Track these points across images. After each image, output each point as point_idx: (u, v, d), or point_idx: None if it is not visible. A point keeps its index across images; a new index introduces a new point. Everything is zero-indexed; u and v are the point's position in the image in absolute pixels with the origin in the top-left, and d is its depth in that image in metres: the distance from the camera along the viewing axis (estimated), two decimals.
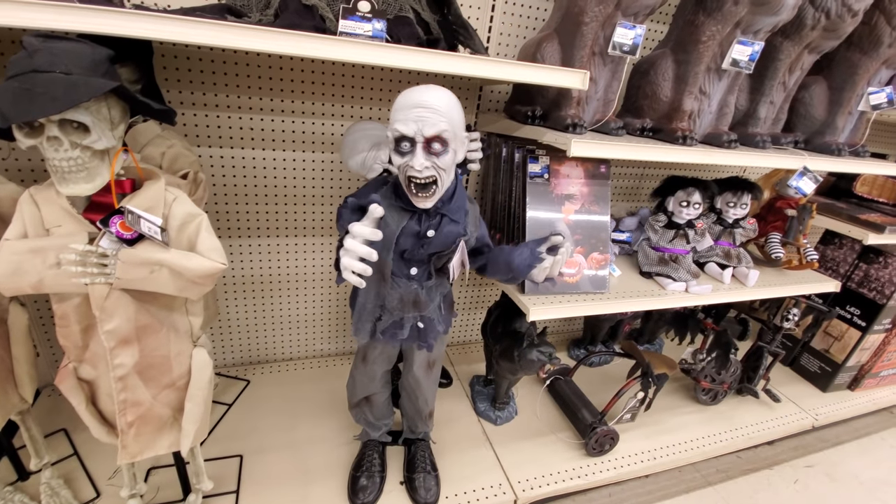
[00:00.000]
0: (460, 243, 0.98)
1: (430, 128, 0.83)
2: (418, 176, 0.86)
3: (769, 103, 1.41)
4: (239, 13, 1.01)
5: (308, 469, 1.33)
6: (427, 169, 0.85)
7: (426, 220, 0.96)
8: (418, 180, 0.87)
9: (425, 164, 0.84)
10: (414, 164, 0.84)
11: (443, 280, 1.09)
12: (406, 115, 0.84)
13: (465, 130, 1.22)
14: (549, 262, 1.02)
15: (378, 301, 1.05)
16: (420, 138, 0.84)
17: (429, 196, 0.89)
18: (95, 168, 0.71)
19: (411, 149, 0.85)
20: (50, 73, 0.63)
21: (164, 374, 0.89)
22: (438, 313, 1.11)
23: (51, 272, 0.74)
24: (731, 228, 1.65)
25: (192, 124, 1.30)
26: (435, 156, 0.85)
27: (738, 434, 1.71)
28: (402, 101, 0.85)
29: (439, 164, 0.86)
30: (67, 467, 1.24)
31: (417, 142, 0.84)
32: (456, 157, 0.90)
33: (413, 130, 0.83)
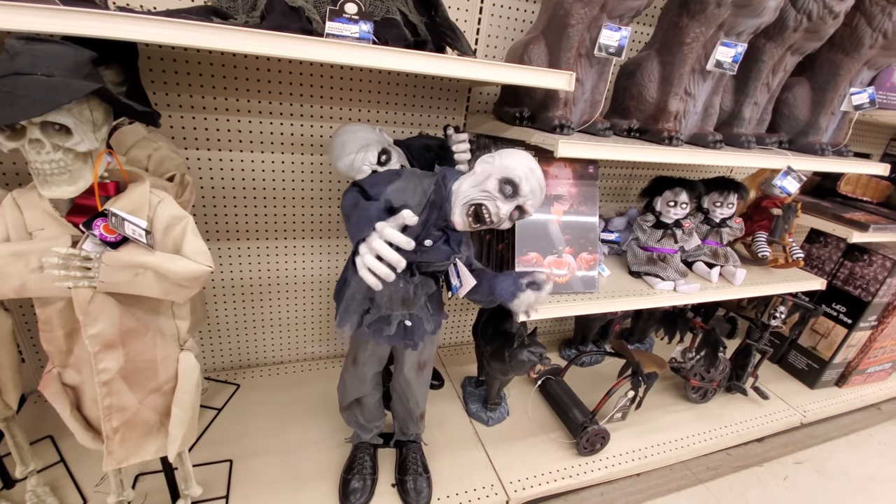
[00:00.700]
0: (454, 261, 1.01)
1: (532, 207, 0.95)
2: (491, 215, 0.91)
3: (753, 104, 1.43)
4: (225, 15, 1.01)
5: (299, 472, 1.33)
6: (499, 219, 0.93)
7: (430, 230, 0.97)
8: (486, 216, 0.91)
9: (503, 216, 0.92)
10: (500, 208, 0.91)
11: (428, 280, 1.09)
12: (530, 178, 0.93)
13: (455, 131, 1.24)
14: (531, 297, 1.01)
15: (368, 294, 1.05)
16: (522, 201, 0.93)
17: (473, 228, 0.95)
18: (78, 170, 0.71)
19: (510, 197, 0.92)
20: (31, 76, 0.62)
21: (150, 379, 0.88)
22: (426, 312, 1.10)
23: (33, 276, 0.73)
24: (719, 228, 1.67)
25: (178, 126, 1.29)
26: (509, 218, 0.94)
27: (728, 432, 1.73)
28: (529, 164, 0.95)
29: (507, 223, 0.95)
30: (54, 474, 1.22)
31: (518, 201, 0.93)
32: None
33: (526, 192, 0.92)
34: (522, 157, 0.96)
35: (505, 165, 0.93)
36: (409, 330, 1.10)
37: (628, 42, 1.19)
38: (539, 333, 2.17)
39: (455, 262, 1.02)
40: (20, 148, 0.66)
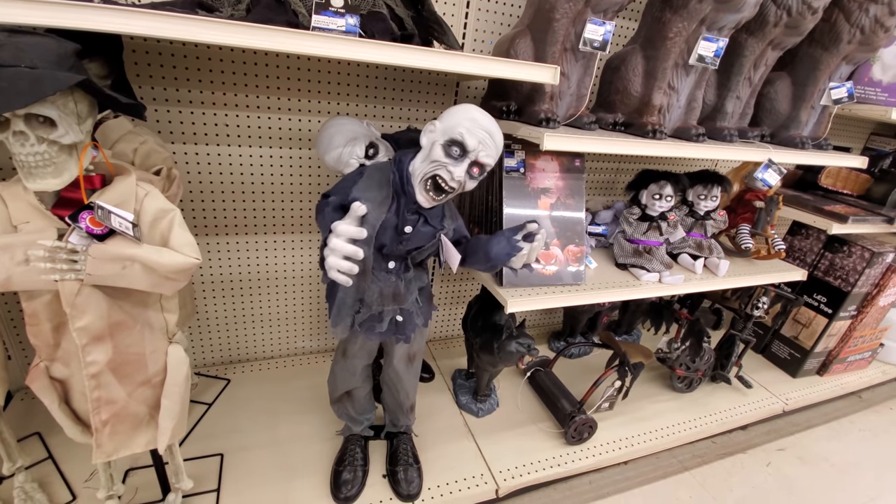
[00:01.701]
0: (440, 237, 1.00)
1: (487, 157, 0.92)
2: (447, 182, 0.90)
3: (736, 98, 1.46)
4: (210, 8, 1.00)
5: (290, 465, 1.33)
6: (459, 181, 0.90)
7: (405, 216, 0.97)
8: (443, 185, 0.90)
9: (460, 179, 0.90)
10: (453, 173, 0.90)
11: (421, 274, 1.10)
12: (473, 130, 0.89)
13: None
14: (527, 249, 1.04)
15: (357, 295, 1.06)
16: (474, 157, 0.90)
17: (438, 200, 0.94)
18: (63, 163, 0.71)
19: (459, 158, 0.89)
20: (15, 68, 0.62)
21: (138, 372, 0.88)
22: (416, 306, 1.12)
23: (19, 269, 0.73)
24: (703, 220, 1.70)
25: (165, 120, 1.28)
26: (470, 177, 0.92)
27: (713, 420, 1.77)
28: (470, 114, 0.91)
29: (466, 185, 0.93)
30: (42, 471, 1.22)
31: (469, 158, 0.90)
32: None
33: (474, 146, 0.89)
34: (462, 111, 0.92)
35: (445, 128, 0.91)
36: (401, 325, 1.11)
37: (612, 37, 1.21)
38: (528, 326, 2.20)
39: (440, 239, 1.02)
40: (4, 140, 0.66)
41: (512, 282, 1.33)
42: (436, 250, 1.08)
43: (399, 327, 1.12)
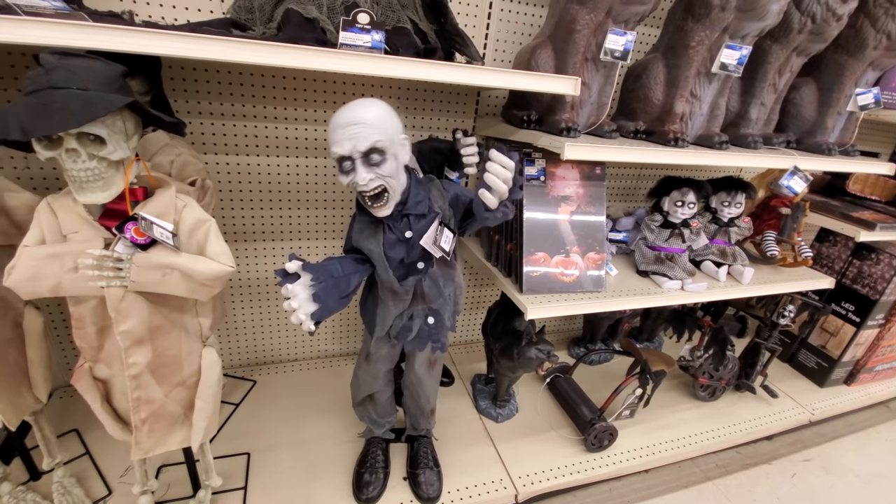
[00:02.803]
0: (434, 222, 1.00)
1: (363, 142, 0.86)
2: (366, 189, 0.90)
3: (760, 105, 1.44)
4: (243, 27, 1.05)
5: (314, 466, 1.37)
6: (372, 181, 0.89)
7: (396, 227, 1.00)
8: (368, 193, 0.91)
9: (369, 177, 0.88)
10: (358, 181, 0.88)
11: (447, 271, 1.10)
12: (341, 136, 0.87)
13: (463, 135, 1.27)
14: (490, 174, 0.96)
15: (395, 314, 1.09)
16: (357, 154, 0.87)
17: (383, 205, 0.93)
18: (111, 177, 0.75)
19: (353, 166, 0.89)
20: (67, 90, 0.67)
21: (175, 373, 0.93)
22: (450, 308, 1.13)
23: (69, 276, 0.78)
24: (727, 227, 1.68)
25: (198, 133, 1.34)
26: (375, 166, 0.88)
27: (736, 429, 1.74)
28: (335, 122, 0.88)
29: (382, 173, 0.89)
30: (79, 466, 1.28)
31: (355, 158, 0.88)
32: (399, 162, 0.93)
33: (348, 149, 0.87)
34: (330, 125, 0.90)
35: (329, 144, 0.90)
36: (433, 328, 1.13)
37: (634, 45, 1.21)
38: (548, 332, 2.20)
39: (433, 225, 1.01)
40: (57, 157, 0.71)
41: (532, 288, 1.34)
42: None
43: (432, 331, 1.14)
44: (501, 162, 0.92)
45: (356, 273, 0.99)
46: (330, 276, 0.93)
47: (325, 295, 0.90)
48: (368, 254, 1.03)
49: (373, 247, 1.01)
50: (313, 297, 0.88)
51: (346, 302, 0.98)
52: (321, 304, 0.89)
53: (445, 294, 1.07)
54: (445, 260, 1.04)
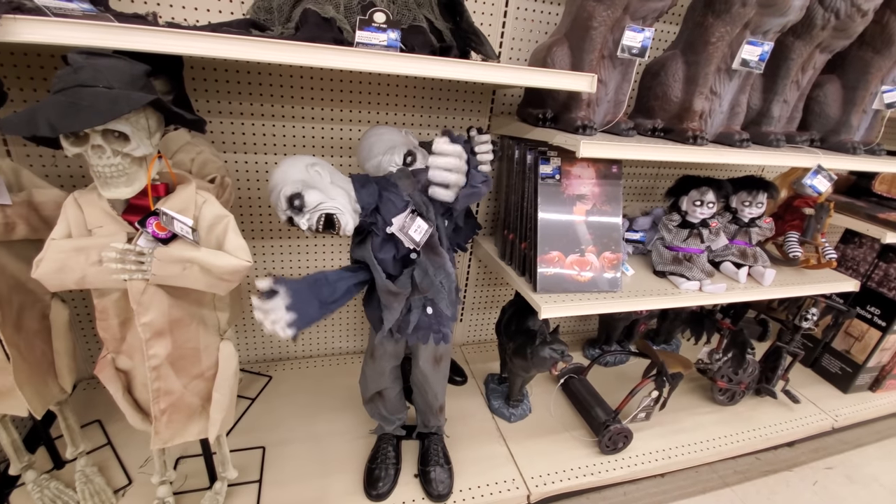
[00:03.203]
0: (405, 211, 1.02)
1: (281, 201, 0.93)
2: (313, 227, 0.95)
3: (783, 102, 1.41)
4: (262, 27, 1.07)
5: (326, 461, 1.38)
6: (310, 219, 0.94)
7: (377, 229, 1.03)
8: (320, 228, 0.96)
9: (306, 218, 0.94)
10: (304, 227, 0.95)
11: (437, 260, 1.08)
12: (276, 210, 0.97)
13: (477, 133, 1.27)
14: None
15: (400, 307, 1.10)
16: (287, 213, 0.95)
17: (341, 226, 0.96)
18: (134, 173, 0.77)
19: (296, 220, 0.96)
20: (94, 88, 0.69)
21: (194, 365, 0.95)
22: (445, 297, 1.13)
23: (93, 269, 0.81)
24: (747, 227, 1.65)
25: (219, 131, 1.37)
26: (300, 208, 0.93)
27: (756, 435, 1.70)
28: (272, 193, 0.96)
29: (311, 206, 0.93)
30: (101, 456, 1.32)
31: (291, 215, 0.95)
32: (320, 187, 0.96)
33: (282, 215, 0.96)
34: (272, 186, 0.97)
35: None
36: (433, 319, 1.14)
37: (652, 42, 1.20)
38: (562, 332, 2.19)
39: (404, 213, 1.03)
40: (83, 153, 0.73)
41: (546, 288, 1.34)
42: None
43: (432, 322, 1.14)
44: (443, 151, 0.93)
45: (343, 280, 1.01)
46: (308, 286, 0.95)
47: (301, 304, 0.91)
48: (366, 261, 1.05)
49: (364, 254, 1.04)
50: (288, 307, 0.89)
51: (334, 307, 1.00)
52: (298, 313, 0.90)
53: (437, 283, 1.07)
54: (431, 247, 1.03)
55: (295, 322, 0.90)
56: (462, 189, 0.97)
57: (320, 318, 0.98)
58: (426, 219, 1.03)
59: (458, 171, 0.94)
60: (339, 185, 0.99)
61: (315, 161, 0.99)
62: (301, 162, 0.97)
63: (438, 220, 1.07)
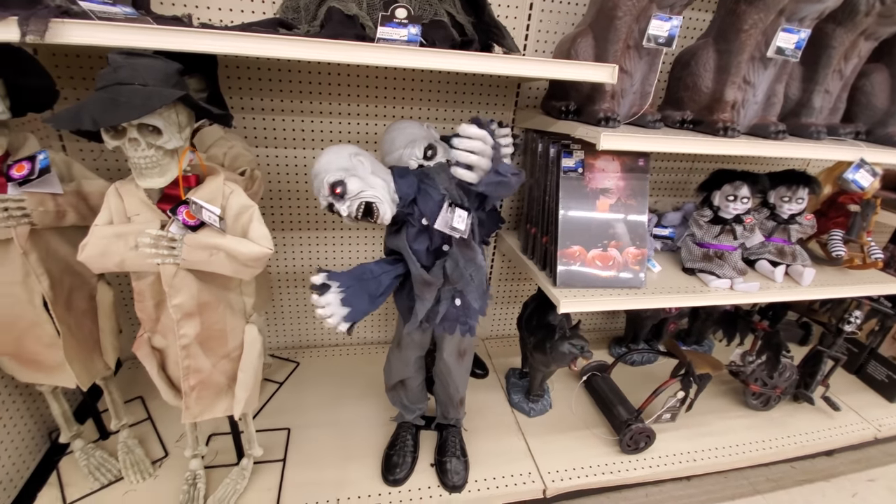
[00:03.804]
0: (444, 205, 1.03)
1: (324, 187, 0.96)
2: (353, 214, 0.97)
3: (824, 92, 1.34)
4: (290, 26, 1.11)
5: (348, 445, 1.43)
6: (351, 205, 0.96)
7: (413, 220, 1.05)
8: (359, 216, 0.97)
9: (346, 205, 0.97)
10: (344, 214, 0.98)
11: (469, 253, 1.11)
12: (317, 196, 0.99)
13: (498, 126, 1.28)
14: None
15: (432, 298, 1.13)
16: (328, 199, 0.97)
17: (380, 215, 0.98)
18: (167, 165, 0.83)
19: (336, 207, 0.98)
20: (131, 86, 0.75)
21: (221, 346, 1.01)
22: (473, 286, 1.15)
23: (131, 253, 0.87)
24: (786, 224, 1.57)
25: (251, 127, 1.43)
26: (342, 195, 0.96)
27: (792, 442, 1.63)
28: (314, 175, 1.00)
29: (352, 194, 0.96)
30: (142, 430, 1.42)
31: (332, 202, 0.97)
32: (360, 175, 0.98)
33: (323, 201, 0.98)
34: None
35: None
36: (460, 310, 1.16)
37: (681, 31, 1.16)
38: (588, 330, 2.16)
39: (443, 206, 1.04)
40: (121, 146, 0.79)
41: (566, 282, 1.33)
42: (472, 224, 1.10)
43: (459, 314, 1.16)
44: (468, 134, 0.94)
45: (386, 273, 1.04)
46: (358, 280, 0.99)
47: (354, 298, 0.97)
48: (400, 251, 1.07)
49: (400, 243, 1.06)
50: (343, 302, 0.95)
51: (381, 300, 1.04)
52: (352, 307, 0.96)
53: (466, 275, 1.08)
54: (464, 240, 1.05)
55: (350, 315, 0.96)
56: (487, 175, 0.97)
57: (371, 311, 1.04)
58: (464, 208, 1.05)
59: (483, 154, 0.95)
60: (379, 176, 1.01)
61: (358, 151, 1.02)
62: (345, 151, 1.00)
63: (474, 215, 1.09)
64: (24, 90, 0.91)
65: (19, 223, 0.93)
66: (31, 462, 1.30)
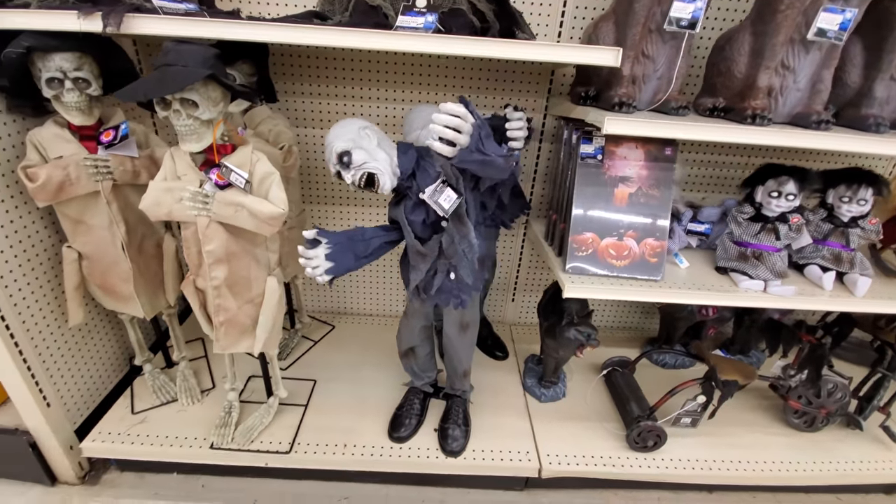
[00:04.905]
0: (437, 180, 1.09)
1: (332, 155, 1.05)
2: (356, 182, 1.06)
3: (889, 80, 1.19)
4: (324, 17, 1.25)
5: (363, 402, 1.58)
6: (354, 174, 1.05)
7: (411, 193, 1.12)
8: (361, 184, 1.06)
9: (351, 173, 1.05)
10: (348, 181, 1.07)
11: (465, 231, 1.15)
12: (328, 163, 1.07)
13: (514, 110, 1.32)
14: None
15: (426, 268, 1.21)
16: (335, 166, 1.07)
17: (380, 186, 1.06)
18: (203, 133, 1.01)
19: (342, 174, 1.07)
20: (174, 67, 0.93)
21: (246, 291, 1.19)
22: (466, 261, 1.19)
23: (177, 206, 1.07)
24: (845, 228, 1.42)
25: (293, 109, 1.62)
26: (350, 164, 1.04)
27: (834, 468, 1.47)
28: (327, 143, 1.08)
29: (357, 164, 1.04)
30: (198, 365, 1.68)
31: (339, 169, 1.07)
32: (367, 149, 1.06)
33: (332, 168, 1.07)
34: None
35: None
36: (454, 285, 1.23)
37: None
38: (622, 328, 2.10)
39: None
40: (169, 115, 0.98)
41: (576, 268, 1.33)
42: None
43: (453, 288, 1.23)
44: (448, 111, 0.98)
45: (377, 237, 1.14)
46: (347, 240, 1.10)
47: (340, 255, 1.07)
48: (399, 222, 1.16)
49: (398, 213, 1.15)
50: (328, 257, 1.06)
51: (367, 262, 1.14)
52: (335, 262, 1.06)
53: (460, 251, 1.14)
54: (459, 217, 1.11)
55: (332, 270, 1.08)
56: (465, 152, 1.01)
57: (356, 269, 1.15)
58: (456, 190, 1.11)
59: (459, 129, 0.99)
60: (384, 149, 1.09)
61: (367, 125, 1.10)
62: (354, 124, 1.08)
63: (467, 193, 1.15)
64: (114, 73, 1.14)
65: (105, 178, 1.18)
66: (115, 377, 1.60)
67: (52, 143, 1.12)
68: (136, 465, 1.46)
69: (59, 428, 1.35)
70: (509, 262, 1.94)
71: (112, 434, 1.40)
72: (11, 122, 1.17)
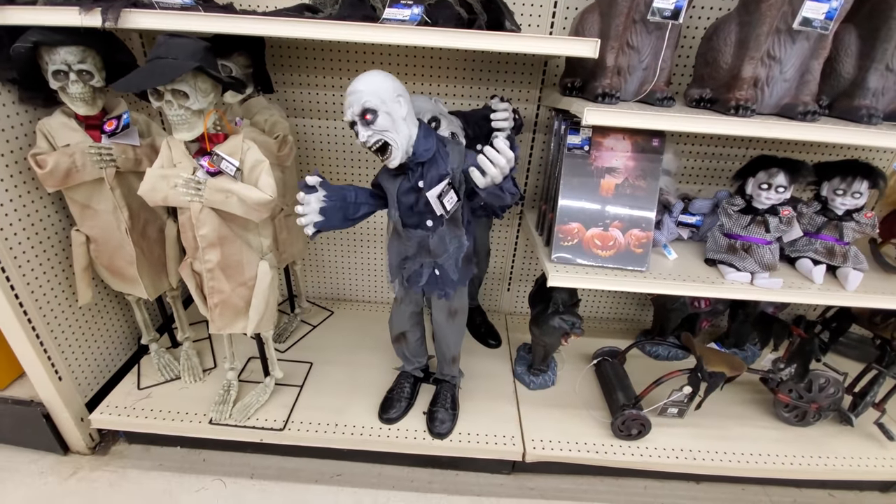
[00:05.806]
0: (444, 181, 1.11)
1: (357, 106, 1.00)
2: (368, 144, 1.04)
3: (884, 71, 1.17)
4: (315, 10, 1.29)
5: (357, 385, 1.63)
6: (370, 137, 1.02)
7: (412, 176, 1.12)
8: (372, 148, 1.05)
9: (367, 134, 1.02)
10: (360, 139, 1.03)
11: (455, 231, 1.20)
12: (345, 105, 1.03)
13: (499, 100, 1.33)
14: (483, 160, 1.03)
15: (401, 254, 1.26)
16: (354, 117, 1.02)
17: (389, 157, 1.06)
18: (194, 122, 1.06)
19: (355, 127, 1.04)
20: (165, 59, 0.98)
21: (238, 274, 1.25)
22: (452, 262, 1.25)
23: (172, 192, 1.13)
24: (839, 221, 1.40)
25: (290, 99, 1.67)
26: (371, 124, 1.01)
27: (823, 463, 1.47)
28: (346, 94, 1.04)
29: (378, 128, 1.01)
30: (201, 346, 1.76)
31: (355, 120, 1.02)
32: (394, 117, 1.03)
33: (349, 115, 1.02)
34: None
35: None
36: (440, 278, 1.27)
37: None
38: (617, 319, 2.11)
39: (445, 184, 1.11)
40: (162, 105, 1.03)
41: (561, 258, 1.35)
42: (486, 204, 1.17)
43: (438, 281, 1.27)
44: (500, 148, 1.00)
45: (365, 204, 1.17)
46: (342, 199, 1.12)
47: (332, 212, 1.10)
48: (385, 191, 1.18)
49: (389, 186, 1.15)
50: (321, 211, 1.08)
51: (350, 225, 1.17)
52: (325, 217, 1.09)
53: (449, 250, 1.18)
54: (455, 220, 1.13)
55: (320, 224, 1.10)
56: (493, 186, 1.05)
57: (340, 229, 1.19)
58: (457, 193, 1.14)
59: (501, 169, 1.02)
60: (408, 124, 1.06)
61: (402, 91, 1.05)
62: (391, 84, 1.03)
63: (463, 197, 1.18)
64: (116, 65, 1.21)
65: (108, 165, 1.25)
66: (124, 356, 1.69)
67: (60, 131, 1.20)
68: (143, 437, 1.55)
69: (71, 400, 1.44)
70: (504, 251, 1.96)
71: (119, 407, 1.49)
72: (24, 112, 1.25)
